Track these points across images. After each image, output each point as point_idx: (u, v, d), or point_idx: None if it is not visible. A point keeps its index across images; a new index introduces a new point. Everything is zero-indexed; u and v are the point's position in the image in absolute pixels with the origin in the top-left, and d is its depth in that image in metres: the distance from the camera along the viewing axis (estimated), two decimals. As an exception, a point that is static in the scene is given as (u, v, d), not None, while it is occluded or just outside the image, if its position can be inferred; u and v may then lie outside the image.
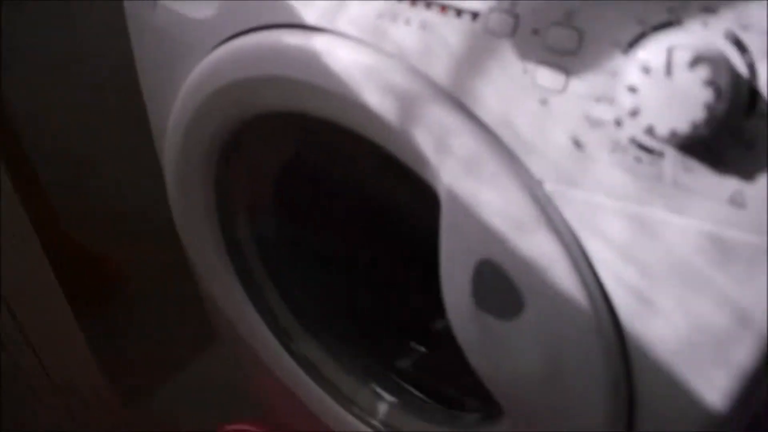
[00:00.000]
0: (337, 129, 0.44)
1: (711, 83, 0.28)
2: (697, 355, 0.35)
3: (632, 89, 0.29)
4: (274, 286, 0.67)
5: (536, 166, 0.35)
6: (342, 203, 0.63)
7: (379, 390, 0.65)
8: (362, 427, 0.64)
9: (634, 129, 0.31)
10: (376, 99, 0.38)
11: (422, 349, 0.68)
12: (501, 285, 0.38)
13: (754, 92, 0.29)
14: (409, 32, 0.38)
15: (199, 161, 0.57)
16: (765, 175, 0.29)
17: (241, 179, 0.59)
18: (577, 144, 0.33)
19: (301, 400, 0.69)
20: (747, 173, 0.30)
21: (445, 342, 0.65)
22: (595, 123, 0.32)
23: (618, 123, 0.32)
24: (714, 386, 0.36)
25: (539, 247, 0.36)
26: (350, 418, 0.65)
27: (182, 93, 0.54)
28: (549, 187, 0.35)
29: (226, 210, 0.61)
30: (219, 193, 0.60)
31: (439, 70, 0.37)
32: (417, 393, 0.64)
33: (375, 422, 0.64)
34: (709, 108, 0.28)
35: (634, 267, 0.35)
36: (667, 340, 0.36)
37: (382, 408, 0.65)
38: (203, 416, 0.96)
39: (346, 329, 0.68)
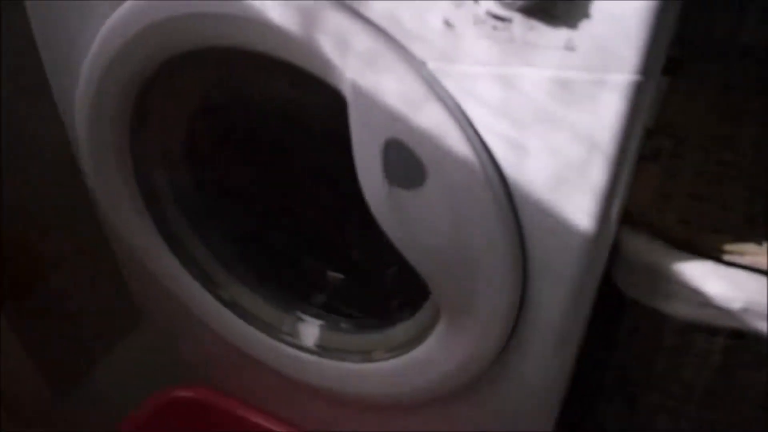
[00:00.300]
0: (246, 59, 0.50)
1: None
2: (565, 187, 0.45)
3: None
4: (194, 234, 0.71)
5: (419, 50, 0.43)
6: (250, 142, 0.68)
7: (306, 317, 0.72)
8: (298, 353, 0.70)
9: (488, 3, 0.40)
10: (279, 16, 0.45)
11: (339, 276, 0.75)
12: (406, 159, 0.46)
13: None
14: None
15: (113, 113, 0.60)
16: (587, 21, 0.39)
17: (153, 129, 0.63)
18: (448, 24, 0.42)
19: (237, 346, 0.74)
20: (573, 23, 0.39)
21: (359, 268, 0.73)
22: (458, 4, 0.41)
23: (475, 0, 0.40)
24: (582, 210, 0.45)
25: (431, 119, 0.44)
26: (285, 348, 0.71)
27: (94, 47, 0.57)
28: (432, 65, 0.44)
29: (140, 162, 0.65)
30: (133, 145, 0.63)
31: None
32: (341, 313, 0.71)
33: (308, 346, 0.70)
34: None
35: (505, 120, 0.44)
36: (540, 178, 0.45)
37: (312, 332, 0.71)
38: (137, 395, 0.98)
39: (268, 267, 0.74)
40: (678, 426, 0.61)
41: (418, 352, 0.60)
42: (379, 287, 0.70)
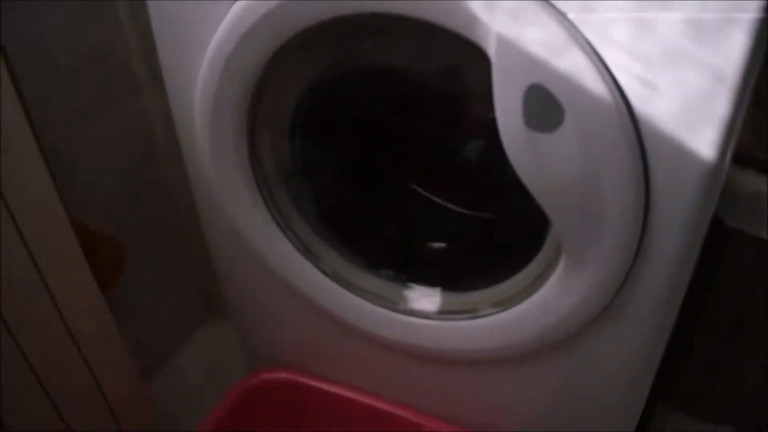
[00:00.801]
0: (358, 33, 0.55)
1: None
2: (691, 120, 0.50)
3: None
4: (300, 215, 0.76)
5: (561, 4, 0.49)
6: (360, 117, 0.73)
7: (410, 284, 0.76)
8: (401, 319, 0.74)
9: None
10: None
11: (438, 245, 0.80)
12: (545, 103, 0.52)
13: None
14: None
15: (236, 97, 0.65)
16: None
17: (267, 107, 0.68)
18: (591, -24, 0.48)
19: (340, 316, 0.78)
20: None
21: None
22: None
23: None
24: (706, 140, 0.51)
25: (572, 63, 0.50)
26: (391, 313, 0.75)
27: (216, 37, 0.62)
28: (572, 16, 0.50)
29: (253, 142, 0.70)
30: (249, 129, 0.69)
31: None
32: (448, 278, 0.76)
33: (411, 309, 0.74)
34: None
35: (639, 61, 0.49)
36: (668, 114, 0.51)
37: (413, 296, 0.75)
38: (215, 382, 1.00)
39: (374, 246, 0.79)
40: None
41: (535, 300, 0.64)
42: (483, 253, 0.75)
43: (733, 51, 0.47)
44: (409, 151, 0.74)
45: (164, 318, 1.14)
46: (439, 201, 0.77)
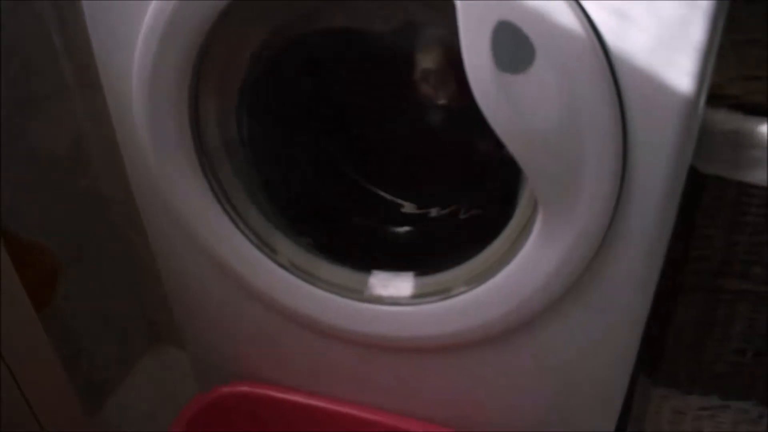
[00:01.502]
0: None
1: None
2: (665, 49, 0.48)
3: None
4: (252, 203, 0.71)
5: (525, -70, 0.47)
6: (309, 92, 0.69)
7: (374, 270, 0.71)
8: (368, 308, 0.69)
9: None
10: None
11: (403, 229, 0.75)
12: (515, 41, 0.49)
13: None
14: None
15: (174, 76, 0.60)
16: None
17: (210, 89, 0.63)
18: None
19: (300, 310, 0.72)
20: None
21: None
22: None
23: None
24: (682, 70, 0.48)
25: (540, -4, 0.47)
26: (357, 303, 0.70)
27: (149, 16, 0.58)
28: (537, -55, 0.47)
29: (197, 127, 0.65)
30: (191, 110, 0.63)
31: None
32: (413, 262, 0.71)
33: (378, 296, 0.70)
34: None
35: (610, -12, 0.47)
36: (641, 44, 0.48)
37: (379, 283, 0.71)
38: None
39: (332, 232, 0.74)
40: (759, 314, 0.64)
41: (511, 269, 0.60)
42: (451, 230, 0.71)
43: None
44: (365, 127, 0.70)
45: (105, 345, 1.05)
46: (401, 180, 0.73)
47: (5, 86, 0.81)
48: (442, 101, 0.65)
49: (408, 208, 0.75)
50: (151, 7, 0.58)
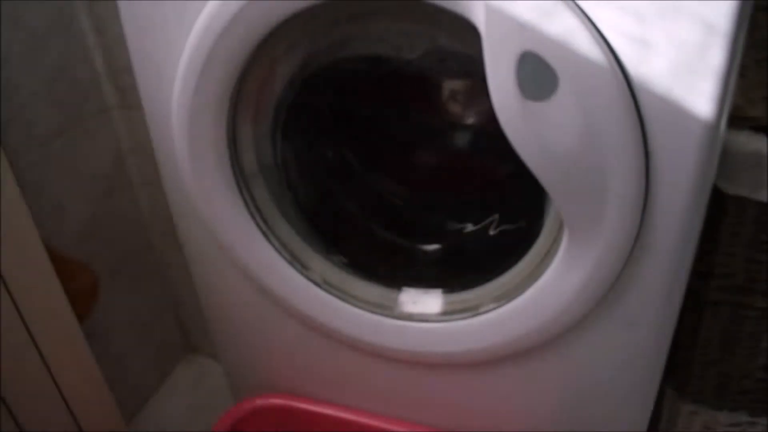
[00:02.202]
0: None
1: None
2: (685, 74, 0.49)
3: None
4: (280, 214, 0.73)
5: (547, -36, 0.49)
6: (343, 117, 0.71)
7: (404, 287, 0.73)
8: (399, 324, 0.71)
9: None
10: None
11: (432, 247, 0.77)
12: (538, 69, 0.50)
13: None
14: None
15: (214, 102, 0.63)
16: None
17: (246, 112, 0.66)
18: (575, -66, 0.47)
19: (331, 325, 0.74)
20: None
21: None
22: None
23: None
24: (703, 94, 0.50)
25: (563, 27, 0.49)
26: (388, 320, 0.72)
27: (195, 32, 0.60)
28: (559, -23, 0.49)
29: (234, 140, 0.67)
30: (229, 132, 0.66)
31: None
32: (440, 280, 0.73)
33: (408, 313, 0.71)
34: None
35: (629, 18, 0.49)
36: (661, 70, 0.50)
37: (409, 300, 0.72)
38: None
39: (364, 251, 0.76)
40: (785, 332, 0.64)
41: (539, 286, 0.62)
42: (480, 247, 0.72)
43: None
44: (395, 148, 0.72)
45: (141, 355, 1.09)
46: (430, 198, 0.75)
47: (53, 105, 0.85)
48: (469, 122, 0.67)
49: (440, 223, 0.77)
50: (192, 35, 0.61)
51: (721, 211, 0.60)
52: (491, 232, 0.71)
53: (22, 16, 0.79)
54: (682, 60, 0.49)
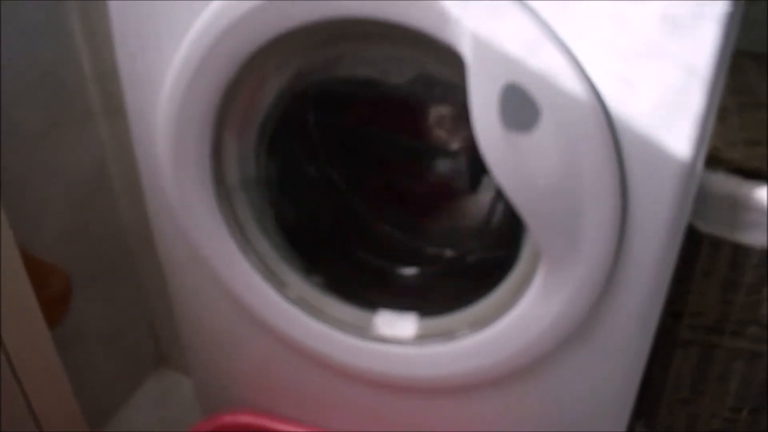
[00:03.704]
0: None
1: None
2: (665, 114, 0.50)
3: None
4: (259, 230, 0.73)
5: (534, 3, 0.49)
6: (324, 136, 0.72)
7: (380, 309, 0.73)
8: (373, 347, 0.71)
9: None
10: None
11: (411, 270, 0.77)
12: (521, 102, 0.51)
13: None
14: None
15: (200, 114, 0.63)
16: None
17: (232, 126, 0.66)
18: (563, -29, 0.48)
19: (306, 344, 0.74)
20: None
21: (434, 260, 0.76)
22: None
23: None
24: (682, 134, 0.51)
25: (547, 62, 0.50)
26: (362, 341, 0.72)
27: (185, 45, 0.61)
28: (546, 13, 0.50)
29: (218, 163, 0.67)
30: (212, 147, 0.66)
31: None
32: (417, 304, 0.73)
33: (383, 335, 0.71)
34: None
35: (614, 55, 0.50)
36: (642, 109, 0.51)
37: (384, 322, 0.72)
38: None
39: (342, 271, 0.76)
40: (755, 372, 0.65)
41: (514, 315, 0.62)
42: (457, 273, 0.73)
43: (706, 43, 0.47)
44: (379, 169, 0.72)
45: (112, 365, 1.07)
46: (410, 222, 0.75)
47: (38, 107, 0.84)
48: (453, 149, 0.67)
49: (420, 247, 0.77)
50: (183, 46, 0.61)
51: (696, 249, 0.61)
52: (469, 259, 0.72)
53: (13, 15, 0.78)
54: (663, 100, 0.50)
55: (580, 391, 0.67)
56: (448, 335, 0.67)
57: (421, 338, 0.69)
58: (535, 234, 0.57)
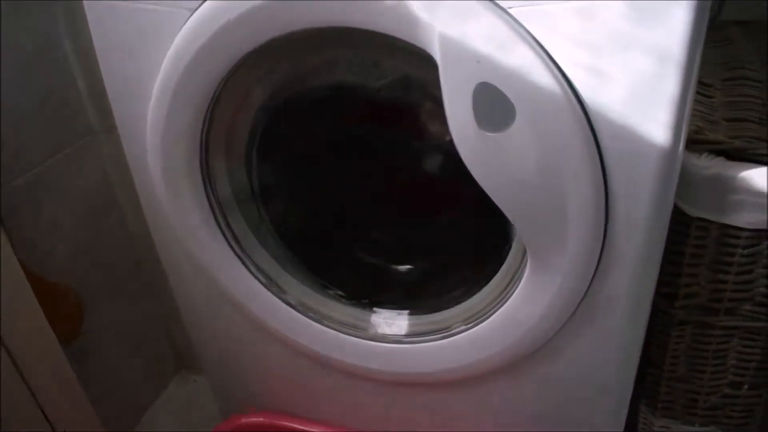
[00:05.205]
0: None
1: None
2: (641, 103, 0.50)
3: None
4: (255, 240, 0.74)
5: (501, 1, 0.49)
6: (310, 142, 0.72)
7: (376, 308, 0.74)
8: (372, 345, 0.72)
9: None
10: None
11: (404, 267, 0.78)
12: (495, 101, 0.51)
13: None
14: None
15: (187, 123, 0.63)
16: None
17: (219, 139, 0.67)
18: (527, -32, 0.48)
19: (308, 346, 0.75)
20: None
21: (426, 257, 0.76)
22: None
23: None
24: (659, 122, 0.50)
25: (518, 59, 0.50)
26: (361, 341, 0.73)
27: (167, 61, 0.61)
28: (514, 11, 0.50)
29: (208, 169, 0.68)
30: (202, 157, 0.67)
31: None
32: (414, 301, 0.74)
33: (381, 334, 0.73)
34: None
35: (584, 50, 0.49)
36: (617, 99, 0.50)
37: (381, 321, 0.73)
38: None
39: (335, 271, 0.77)
40: (752, 348, 0.65)
41: (506, 309, 0.63)
42: (448, 270, 0.73)
43: (676, 28, 0.47)
44: (366, 170, 0.73)
45: (134, 373, 1.10)
46: (401, 221, 0.76)
47: (40, 132, 0.86)
48: (438, 148, 0.68)
49: (412, 244, 0.78)
50: (165, 61, 0.61)
51: (685, 232, 0.61)
52: (461, 255, 0.72)
53: (11, 39, 0.80)
54: (638, 89, 0.50)
55: (579, 376, 0.67)
56: (444, 331, 0.68)
57: (419, 335, 0.69)
58: (520, 229, 0.57)
